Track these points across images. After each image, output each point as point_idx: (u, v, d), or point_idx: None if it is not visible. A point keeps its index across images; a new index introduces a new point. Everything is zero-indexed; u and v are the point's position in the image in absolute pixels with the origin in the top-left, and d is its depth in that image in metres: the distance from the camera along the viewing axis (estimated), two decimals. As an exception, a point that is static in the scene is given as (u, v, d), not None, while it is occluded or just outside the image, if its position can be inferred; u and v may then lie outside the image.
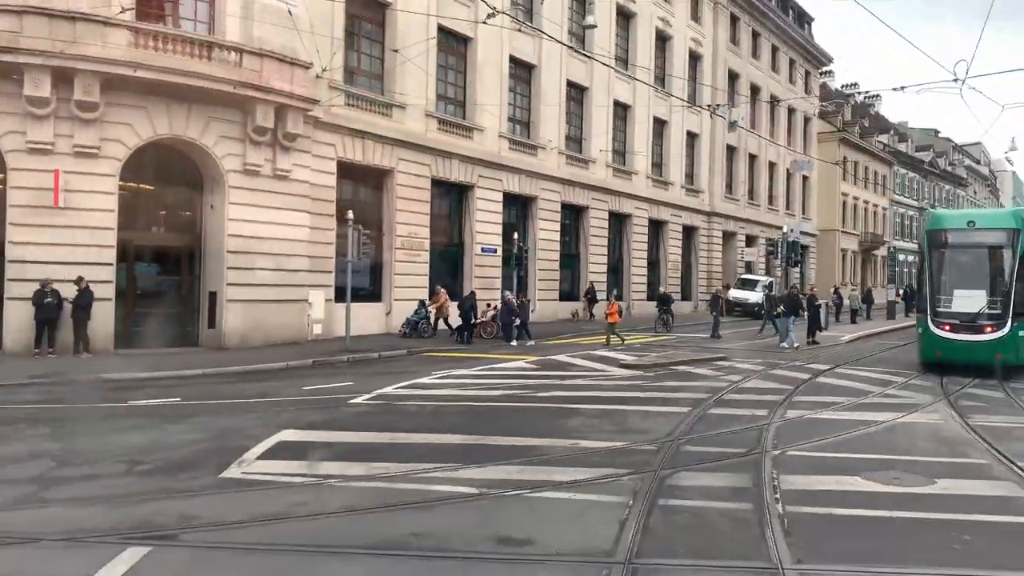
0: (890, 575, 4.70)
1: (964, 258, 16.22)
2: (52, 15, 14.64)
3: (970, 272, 16.04)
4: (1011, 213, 17.35)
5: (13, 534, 5.08)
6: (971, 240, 16.00)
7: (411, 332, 19.67)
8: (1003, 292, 15.29)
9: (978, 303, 15.47)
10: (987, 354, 14.96)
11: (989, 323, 15.20)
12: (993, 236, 15.87)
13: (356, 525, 5.42)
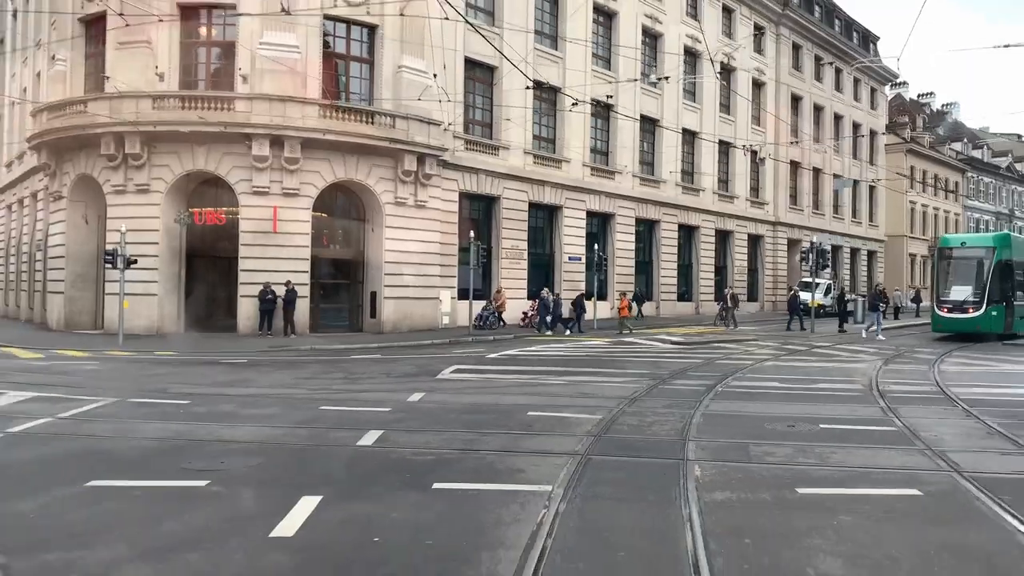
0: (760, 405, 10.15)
1: (958, 266, 24.21)
2: (270, 99, 21.36)
3: (961, 275, 23.80)
4: (991, 236, 26.77)
5: (358, 393, 11.16)
6: (963, 255, 24.28)
7: (482, 325, 24.93)
8: (981, 287, 22.92)
9: (965, 294, 23.05)
10: (970, 326, 22.82)
11: (971, 306, 22.81)
12: (977, 252, 23.99)
13: (511, 388, 11.26)
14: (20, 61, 31.70)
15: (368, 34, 23.62)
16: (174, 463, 6.80)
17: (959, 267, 24.29)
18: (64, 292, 23.73)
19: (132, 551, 4.64)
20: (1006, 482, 6.31)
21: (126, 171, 21.84)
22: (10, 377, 12.71)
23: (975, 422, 9.14)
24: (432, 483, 6.05)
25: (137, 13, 20.23)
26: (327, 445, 7.68)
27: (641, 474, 6.51)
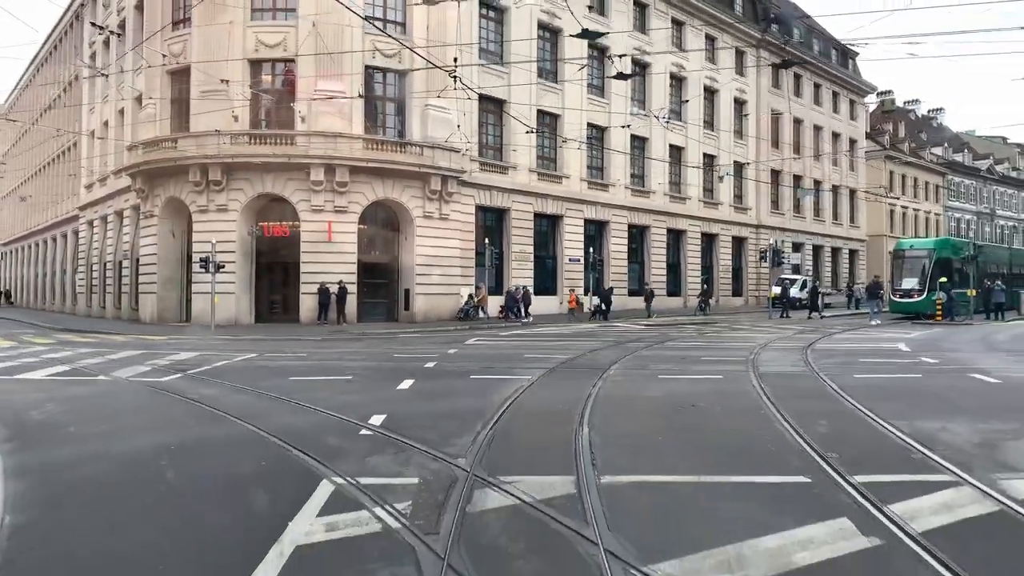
0: (673, 352, 15.56)
1: (907, 263, 31.39)
2: (324, 135, 27.05)
3: (909, 270, 31.00)
4: (932, 241, 34.93)
5: (413, 351, 16.71)
6: (911, 255, 31.63)
7: (464, 317, 29.74)
8: (924, 279, 29.92)
9: (912, 284, 30.21)
10: (915, 308, 29.77)
11: (916, 293, 29.96)
12: (921, 253, 31.45)
13: (516, 347, 16.78)
14: (101, 98, 37.61)
15: (400, 79, 29.26)
16: (324, 373, 12.41)
17: (908, 264, 31.70)
18: (156, 292, 29.53)
19: (333, 394, 10.22)
20: (772, 375, 11.79)
21: (208, 194, 27.59)
22: (162, 349, 18.37)
23: (798, 357, 14.58)
24: (468, 375, 11.67)
25: (214, 60, 26.00)
26: (406, 368, 13.29)
27: (580, 375, 12.07)
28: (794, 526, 4.90)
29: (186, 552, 4.64)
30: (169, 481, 6.24)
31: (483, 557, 4.45)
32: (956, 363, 13.90)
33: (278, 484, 6.04)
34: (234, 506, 5.54)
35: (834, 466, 6.26)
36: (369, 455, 6.82)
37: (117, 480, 6.27)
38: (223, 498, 5.78)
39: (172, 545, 4.74)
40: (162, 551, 4.64)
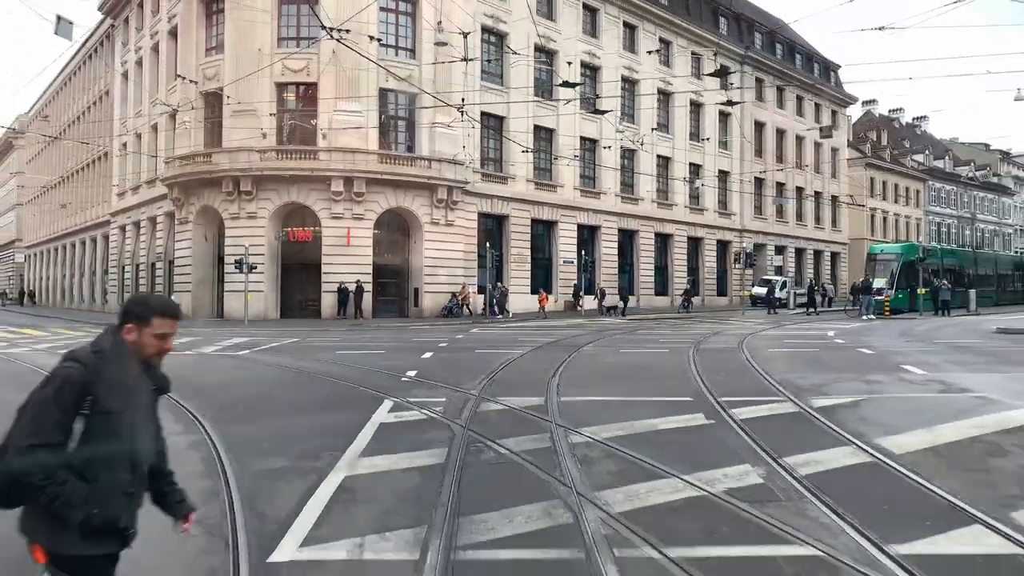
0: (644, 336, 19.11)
1: (878, 266, 35.92)
2: (344, 151, 30.62)
3: (881, 271, 35.29)
4: (900, 246, 40.38)
5: (427, 336, 20.29)
6: (882, 258, 36.53)
7: (447, 314, 33.00)
8: (892, 279, 34.23)
9: (881, 283, 34.05)
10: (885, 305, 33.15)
11: (887, 291, 33.61)
12: (890, 256, 36.48)
13: (511, 333, 20.36)
14: (133, 112, 41.22)
15: (410, 99, 32.84)
16: (362, 349, 15.98)
17: (879, 266, 36.83)
18: (191, 291, 33.09)
19: (374, 360, 13.78)
20: (707, 350, 15.34)
21: (240, 203, 31.18)
22: (215, 336, 21.91)
23: (739, 340, 18.12)
24: (474, 350, 15.25)
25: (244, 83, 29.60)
26: (425, 346, 16.88)
27: (560, 349, 15.67)
28: (669, 415, 8.49)
29: (315, 431, 8.22)
30: (286, 401, 9.86)
31: (486, 427, 8.04)
32: (856, 343, 17.52)
33: (358, 401, 9.66)
34: (336, 411, 9.15)
35: (712, 393, 9.85)
36: (411, 389, 10.44)
37: (252, 401, 9.88)
38: (327, 408, 9.39)
39: (304, 430, 8.32)
40: (299, 433, 8.22)
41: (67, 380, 2.45)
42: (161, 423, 2.83)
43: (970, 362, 13.66)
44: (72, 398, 2.43)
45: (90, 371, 2.47)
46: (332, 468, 6.44)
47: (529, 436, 7.65)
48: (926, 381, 11.23)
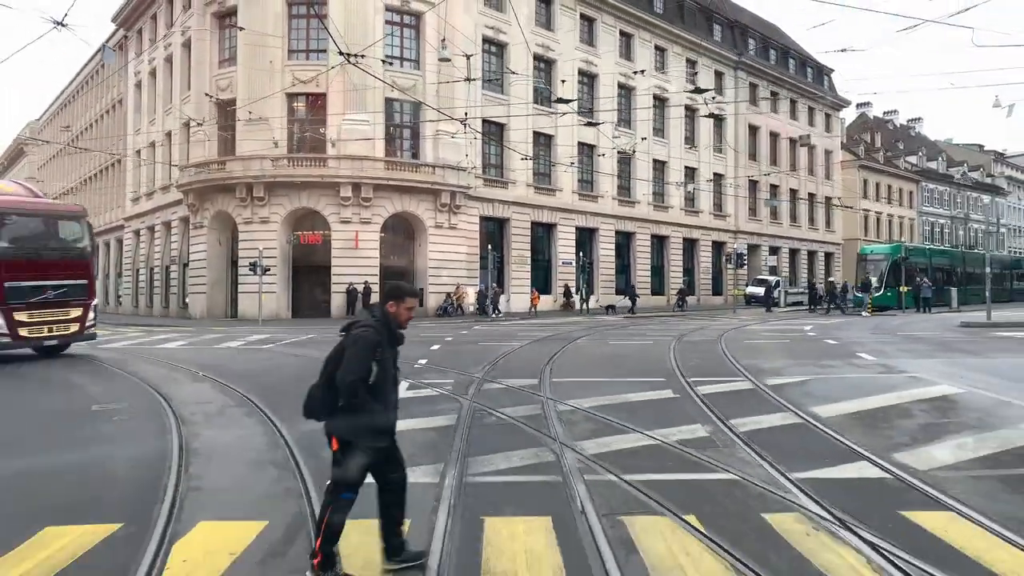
0: (634, 331, 20.71)
1: (868, 266, 38.08)
2: (352, 158, 32.26)
3: (871, 271, 37.44)
4: (887, 247, 41.92)
5: (436, 332, 21.94)
6: (871, 259, 38.70)
7: (442, 314, 34.72)
8: (880, 278, 36.24)
9: (872, 280, 36.13)
10: (875, 301, 34.98)
11: (875, 288, 35.81)
12: (879, 257, 38.65)
13: (512, 329, 21.97)
14: (147, 121, 42.92)
15: (415, 108, 34.45)
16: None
17: (869, 266, 39.01)
18: (206, 292, 34.74)
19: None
20: (687, 341, 16.93)
21: (253, 208, 32.81)
22: (234, 334, 23.52)
23: (718, 334, 19.69)
24: (478, 343, 16.87)
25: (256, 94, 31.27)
26: (433, 340, 18.49)
27: (556, 341, 17.29)
28: (642, 391, 10.11)
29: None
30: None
31: (489, 400, 9.67)
32: (825, 336, 19.14)
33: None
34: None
35: (682, 375, 11.47)
36: (423, 373, 12.07)
37: (289, 383, 11.47)
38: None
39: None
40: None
41: (368, 338, 4.14)
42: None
43: (918, 350, 15.26)
44: (370, 349, 4.12)
45: (377, 332, 4.18)
46: (365, 428, 8.07)
47: (524, 406, 9.28)
48: (873, 365, 12.86)
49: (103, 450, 7.66)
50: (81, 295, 16.50)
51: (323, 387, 4.27)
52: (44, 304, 15.52)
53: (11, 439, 8.29)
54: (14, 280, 15.06)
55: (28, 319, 15.17)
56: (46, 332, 15.63)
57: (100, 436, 8.40)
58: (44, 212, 17.18)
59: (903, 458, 6.77)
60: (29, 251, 15.86)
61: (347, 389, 4.09)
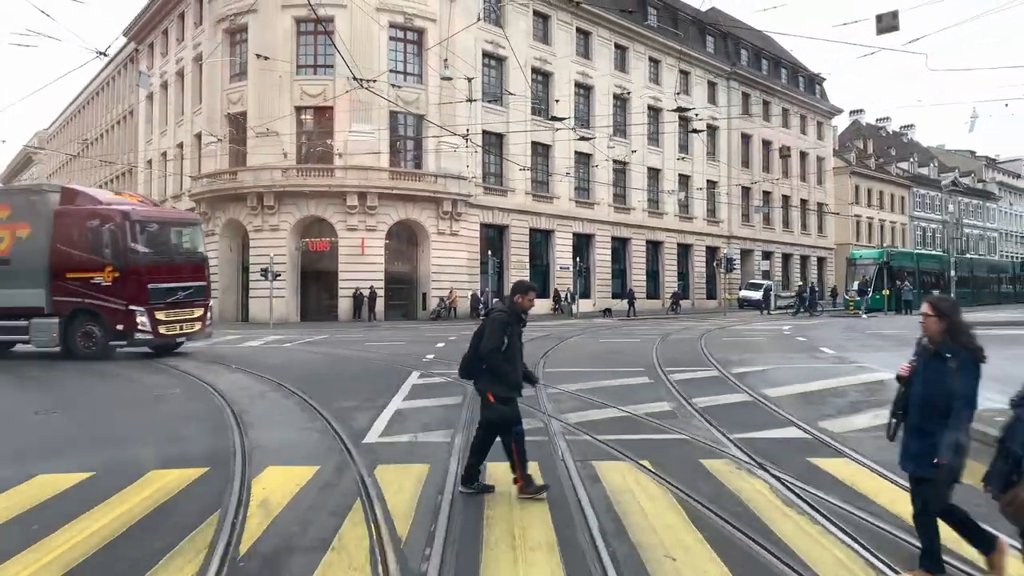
0: (626, 331, 22.32)
1: (858, 269, 40.29)
2: (358, 168, 33.94)
3: (860, 274, 39.61)
4: (876, 251, 45.00)
5: (437, 334, 23.56)
6: (861, 263, 40.98)
7: (437, 317, 36.00)
8: (870, 282, 38.14)
9: (861, 285, 37.52)
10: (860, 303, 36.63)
11: (864, 292, 37.25)
12: (868, 261, 41.13)
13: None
14: (159, 132, 44.63)
15: (418, 120, 36.13)
16: (386, 342, 19.19)
17: (858, 270, 41.20)
18: (217, 297, 36.25)
19: (399, 348, 17.02)
20: (670, 339, 18.54)
21: (263, 217, 34.47)
22: (250, 335, 25.11)
23: (701, 333, 21.27)
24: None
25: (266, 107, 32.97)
26: (438, 339, 20.10)
27: (552, 339, 18.89)
28: (623, 378, 11.74)
29: (369, 389, 11.46)
30: (342, 373, 13.11)
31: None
32: (799, 334, 20.81)
33: (394, 372, 12.95)
34: (380, 378, 12.43)
35: (660, 366, 13.10)
36: (431, 365, 13.72)
37: (316, 374, 13.14)
38: (373, 377, 12.66)
39: (361, 388, 11.56)
40: (358, 389, 11.46)
41: (501, 320, 5.92)
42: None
43: (876, 345, 16.90)
44: (503, 328, 5.86)
45: (508, 315, 5.95)
46: (386, 406, 9.75)
47: (519, 390, 10.90)
48: (830, 358, 14.54)
49: (174, 423, 9.30)
50: (202, 296, 18.25)
51: (472, 356, 6.13)
52: (177, 304, 17.12)
53: (103, 418, 9.94)
54: (154, 282, 16.63)
55: (165, 318, 16.72)
56: (178, 330, 17.20)
57: (168, 413, 10.05)
58: (174, 220, 19.06)
59: (825, 424, 8.42)
60: (164, 256, 17.47)
61: (487, 356, 5.90)
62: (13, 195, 20.72)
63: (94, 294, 16.28)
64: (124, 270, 16.23)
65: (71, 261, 16.46)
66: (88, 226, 16.48)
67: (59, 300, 16.60)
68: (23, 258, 16.97)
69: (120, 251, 16.26)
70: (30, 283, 16.71)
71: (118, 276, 16.16)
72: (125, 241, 16.27)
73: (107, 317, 16.27)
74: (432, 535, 5.00)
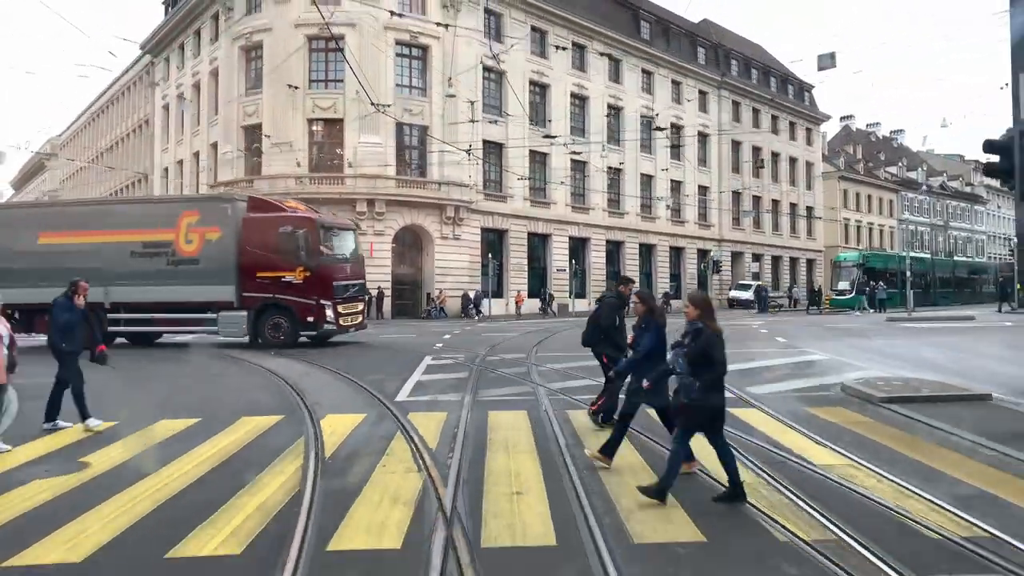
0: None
1: (841, 271, 43.67)
2: (367, 176, 36.50)
3: (842, 276, 43.13)
4: (857, 254, 47.54)
5: (443, 329, 26.12)
6: (844, 265, 44.16)
7: (427, 316, 38.49)
8: (851, 282, 41.63)
9: (844, 286, 41.66)
10: (845, 303, 41.12)
11: (847, 292, 41.22)
12: (850, 264, 44.04)
13: (502, 328, 26.13)
14: (175, 142, 47.21)
15: (422, 131, 38.68)
16: (397, 335, 21.73)
17: (841, 271, 44.45)
18: (234, 297, 38.84)
19: (410, 340, 19.57)
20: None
21: (277, 222, 36.94)
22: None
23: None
24: (481, 334, 21.07)
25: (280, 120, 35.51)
26: (444, 333, 22.62)
27: (541, 334, 21.42)
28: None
29: (392, 367, 14.01)
30: (363, 359, 15.65)
31: (490, 365, 13.89)
32: (765, 327, 23.25)
33: (411, 357, 15.55)
34: (399, 360, 14.98)
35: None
36: (441, 352, 16.31)
37: (341, 359, 15.64)
38: (393, 359, 15.21)
39: (386, 367, 14.10)
40: (384, 367, 14.01)
41: (612, 303, 8.75)
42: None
43: (826, 336, 19.43)
44: (615, 310, 8.65)
45: (617, 299, 8.79)
46: (408, 378, 12.33)
47: (515, 368, 13.49)
48: (782, 345, 17.07)
49: (245, 391, 11.84)
50: (363, 293, 21.05)
51: (590, 330, 8.80)
52: (350, 299, 19.73)
53: (184, 388, 12.51)
54: (336, 280, 19.17)
55: (343, 311, 19.27)
56: (349, 321, 19.67)
57: (236, 385, 12.61)
58: (344, 226, 21.85)
59: (751, 389, 10.97)
60: (341, 257, 20.11)
61: (604, 329, 8.57)
62: (202, 202, 22.99)
63: (285, 290, 18.64)
64: (314, 270, 18.64)
65: (262, 261, 18.68)
66: (280, 231, 18.73)
67: (248, 295, 18.84)
68: (212, 258, 19.14)
69: (311, 253, 18.59)
70: (218, 280, 18.89)
71: (308, 275, 18.54)
72: (316, 244, 18.76)
73: (298, 311, 18.71)
74: (452, 447, 7.54)
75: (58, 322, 8.93)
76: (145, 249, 19.60)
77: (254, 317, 18.87)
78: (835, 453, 7.20)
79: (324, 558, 4.69)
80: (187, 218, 19.64)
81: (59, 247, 19.86)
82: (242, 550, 4.84)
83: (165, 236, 19.51)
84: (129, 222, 20.42)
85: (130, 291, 19.37)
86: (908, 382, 10.82)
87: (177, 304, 19.17)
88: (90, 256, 19.04)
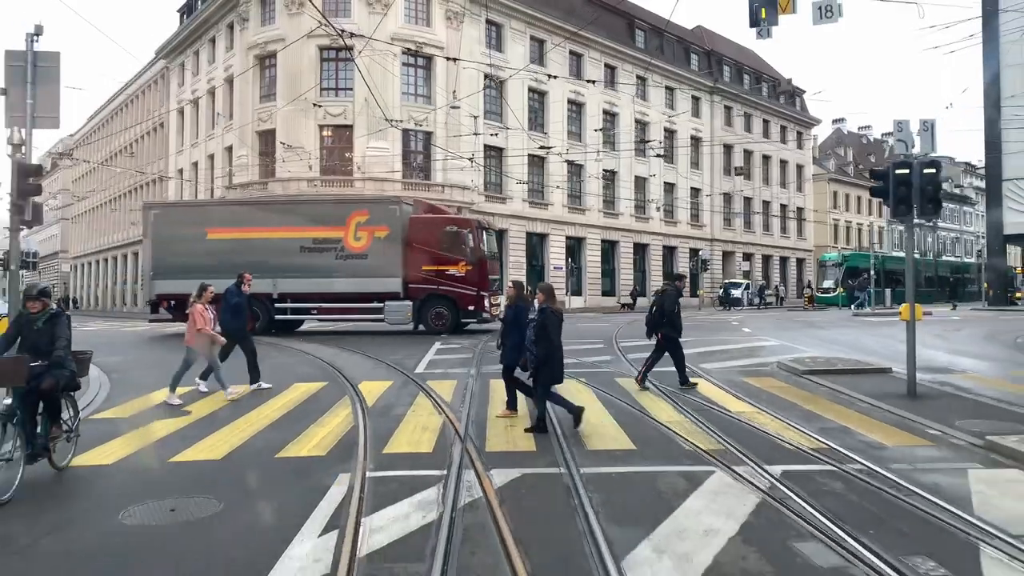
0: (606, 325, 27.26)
1: (826, 270, 48.03)
2: (375, 179, 38.93)
3: (828, 275, 47.59)
4: (839, 255, 51.41)
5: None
6: (829, 265, 48.86)
7: None
8: (836, 280, 45.05)
9: (829, 283, 45.87)
10: (830, 300, 44.75)
11: (832, 290, 45.07)
12: (835, 263, 48.32)
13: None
14: (190, 144, 49.65)
15: (426, 136, 41.12)
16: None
17: (827, 271, 48.11)
18: (248, 293, 41.27)
19: (413, 335, 22.06)
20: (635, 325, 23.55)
21: (290, 222, 39.38)
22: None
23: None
24: (480, 329, 23.48)
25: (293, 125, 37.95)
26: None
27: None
28: (585, 346, 16.76)
29: (407, 352, 16.48)
30: (382, 343, 18.11)
31: (490, 350, 16.24)
32: (738, 322, 25.65)
33: (421, 344, 17.98)
34: (411, 346, 17.44)
35: (616, 342, 18.11)
36: (448, 339, 18.69)
37: (364, 346, 18.10)
38: (406, 345, 17.67)
39: (401, 351, 16.57)
40: (399, 351, 16.46)
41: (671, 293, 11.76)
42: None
43: (789, 328, 21.89)
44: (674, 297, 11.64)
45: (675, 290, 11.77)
46: (422, 358, 14.81)
47: (512, 351, 15.90)
48: (746, 334, 19.50)
49: (291, 366, 14.29)
50: (499, 285, 23.59)
51: (652, 316, 11.33)
52: (494, 291, 22.44)
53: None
54: (491, 274, 22.15)
55: (491, 302, 22.00)
56: (493, 313, 21.98)
57: (283, 362, 15.07)
58: (489, 227, 24.90)
59: (704, 365, 13.43)
60: (492, 255, 23.05)
61: (668, 315, 11.07)
62: (372, 203, 25.10)
63: (449, 283, 21.39)
64: (476, 264, 21.51)
65: (427, 257, 21.38)
66: (446, 230, 21.56)
67: (413, 287, 21.44)
68: (379, 253, 21.63)
69: (474, 250, 21.53)
70: (385, 273, 21.41)
71: (470, 269, 21.33)
72: (478, 242, 21.58)
73: (461, 301, 21.38)
74: (463, 401, 10.00)
75: (229, 303, 11.48)
76: (315, 244, 21.91)
77: (418, 306, 21.38)
78: (749, 405, 9.69)
79: (381, 458, 7.15)
80: (357, 217, 22.07)
81: (227, 242, 21.76)
82: (326, 453, 7.32)
83: (335, 233, 21.88)
84: (298, 220, 22.83)
85: (298, 283, 21.67)
86: (830, 360, 13.30)
87: (344, 295, 21.54)
88: (258, 250, 21.26)
